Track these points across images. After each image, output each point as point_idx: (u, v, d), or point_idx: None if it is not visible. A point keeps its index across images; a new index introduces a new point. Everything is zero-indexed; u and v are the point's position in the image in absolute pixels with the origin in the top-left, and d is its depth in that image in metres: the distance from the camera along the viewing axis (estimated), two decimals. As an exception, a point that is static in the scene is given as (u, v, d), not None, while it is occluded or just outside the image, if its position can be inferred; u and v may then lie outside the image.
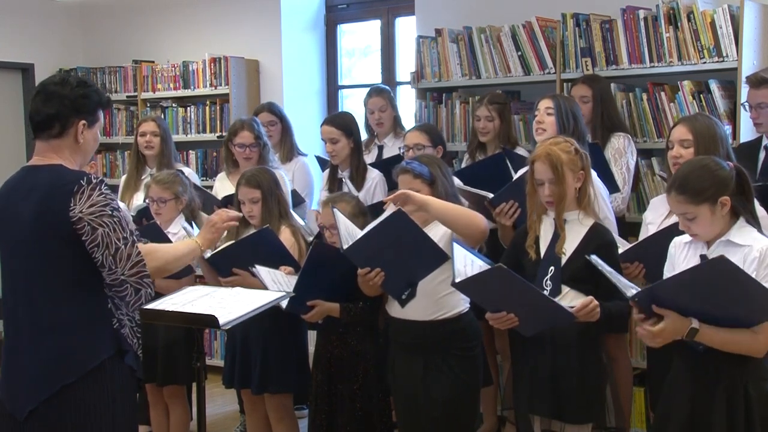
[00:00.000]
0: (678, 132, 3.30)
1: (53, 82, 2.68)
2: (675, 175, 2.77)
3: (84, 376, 2.58)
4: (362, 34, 6.49)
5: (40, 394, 2.56)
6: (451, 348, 3.34)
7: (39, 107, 2.65)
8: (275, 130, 5.01)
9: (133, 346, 2.70)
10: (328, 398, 3.66)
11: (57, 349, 2.58)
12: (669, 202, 2.76)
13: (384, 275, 3.27)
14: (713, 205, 2.65)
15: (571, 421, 3.08)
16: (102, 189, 2.58)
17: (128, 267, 2.58)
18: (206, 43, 6.43)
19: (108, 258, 2.56)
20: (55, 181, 2.58)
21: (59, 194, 2.55)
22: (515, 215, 3.59)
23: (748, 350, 2.60)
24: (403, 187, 3.35)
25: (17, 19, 6.97)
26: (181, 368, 3.93)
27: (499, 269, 2.85)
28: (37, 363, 2.58)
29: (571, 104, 3.86)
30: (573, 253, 3.08)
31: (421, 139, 4.26)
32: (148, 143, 4.90)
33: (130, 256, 2.58)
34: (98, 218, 2.55)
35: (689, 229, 2.71)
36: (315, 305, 3.52)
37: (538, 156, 3.11)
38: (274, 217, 3.84)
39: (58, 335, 2.58)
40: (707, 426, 2.64)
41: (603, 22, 4.43)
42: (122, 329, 2.67)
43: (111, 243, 2.55)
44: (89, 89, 2.69)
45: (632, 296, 2.59)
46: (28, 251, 2.60)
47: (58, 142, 2.66)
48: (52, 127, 2.64)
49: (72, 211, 2.53)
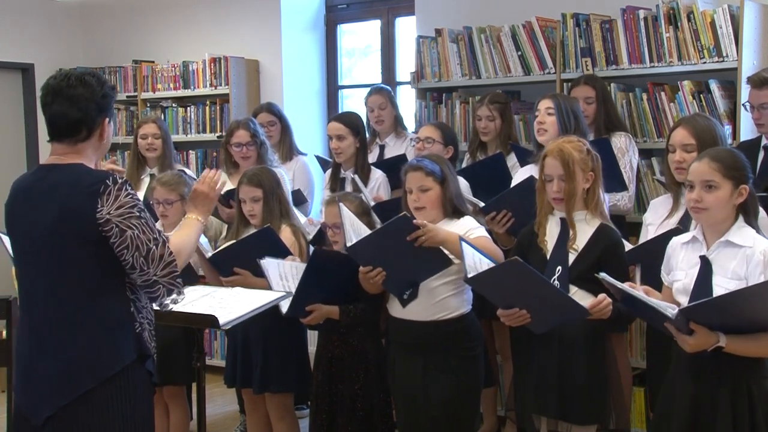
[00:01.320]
0: (679, 135, 3.28)
1: (70, 85, 2.56)
2: (705, 151, 2.79)
3: (105, 381, 2.51)
4: (362, 34, 6.49)
5: (59, 399, 2.49)
6: (453, 348, 3.34)
7: (64, 112, 2.54)
8: (275, 130, 5.01)
9: (150, 351, 2.64)
10: (329, 398, 3.66)
11: (78, 354, 2.50)
12: (694, 169, 2.74)
13: (385, 275, 3.27)
14: (735, 187, 2.69)
15: (577, 421, 3.08)
16: (128, 189, 2.52)
17: (161, 268, 2.53)
18: (206, 43, 6.43)
19: (139, 259, 2.50)
20: (80, 181, 2.50)
21: (85, 195, 2.48)
22: (507, 224, 3.59)
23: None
24: (413, 183, 3.35)
25: (17, 19, 6.97)
26: (181, 368, 3.92)
27: (515, 262, 2.83)
28: (57, 368, 2.50)
29: (572, 103, 3.86)
30: (580, 254, 3.08)
31: (434, 134, 4.24)
32: (150, 146, 4.89)
33: (162, 256, 2.52)
34: (126, 220, 2.48)
35: (701, 200, 2.69)
36: (314, 309, 3.52)
37: (550, 151, 3.12)
38: (275, 216, 3.84)
39: (79, 339, 2.51)
40: (711, 426, 2.65)
41: (603, 22, 4.43)
42: (143, 333, 2.60)
43: (142, 244, 2.49)
44: (107, 87, 2.63)
45: (673, 318, 2.58)
46: (49, 252, 2.52)
47: (85, 144, 2.59)
48: (80, 131, 2.57)
49: (99, 212, 2.47)
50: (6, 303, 3.71)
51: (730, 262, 2.69)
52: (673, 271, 2.83)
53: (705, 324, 2.57)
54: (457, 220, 3.36)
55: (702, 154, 2.78)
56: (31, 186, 2.60)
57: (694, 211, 2.75)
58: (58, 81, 2.59)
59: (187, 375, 3.93)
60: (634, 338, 4.28)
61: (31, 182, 2.62)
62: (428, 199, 3.33)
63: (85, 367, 2.50)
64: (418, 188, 3.34)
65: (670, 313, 2.58)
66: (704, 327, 2.57)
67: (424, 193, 3.33)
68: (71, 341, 2.51)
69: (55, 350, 2.51)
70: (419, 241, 3.15)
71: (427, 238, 3.15)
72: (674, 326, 2.59)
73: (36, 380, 2.54)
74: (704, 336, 2.57)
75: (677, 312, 2.57)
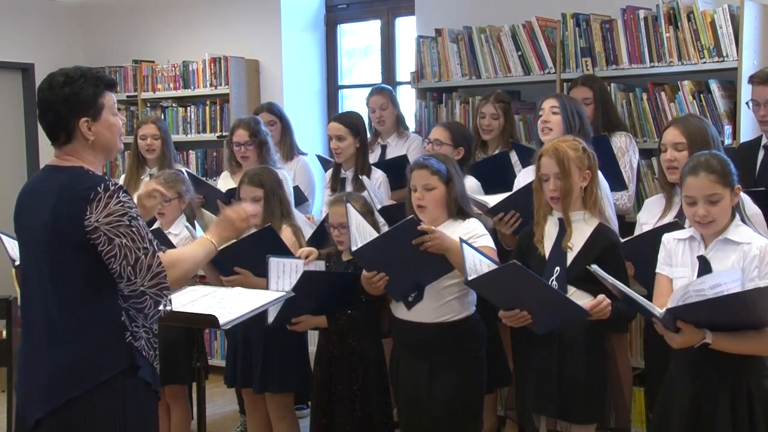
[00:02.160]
0: (670, 135, 3.30)
1: (42, 89, 2.54)
2: (694, 162, 2.77)
3: (91, 390, 2.47)
4: (362, 34, 6.49)
5: (46, 404, 2.48)
6: (456, 350, 3.33)
7: (40, 119, 2.55)
8: (275, 129, 5.01)
9: (149, 359, 2.58)
10: (329, 398, 3.66)
11: (66, 361, 2.48)
12: (692, 185, 2.73)
13: (388, 279, 3.28)
14: (732, 191, 2.72)
15: (576, 421, 3.08)
16: (120, 197, 2.47)
17: (148, 278, 2.47)
18: (206, 43, 6.43)
19: (126, 269, 2.45)
20: (72, 185, 2.47)
21: (75, 201, 2.44)
22: (515, 225, 3.59)
23: (758, 351, 2.66)
24: (418, 181, 3.35)
25: (17, 19, 6.97)
26: (182, 368, 3.92)
27: (513, 266, 2.85)
28: (47, 372, 2.49)
29: (575, 103, 3.86)
30: (578, 254, 3.08)
31: (442, 136, 4.21)
32: (150, 146, 4.89)
33: (150, 267, 2.47)
34: (114, 228, 2.44)
35: (708, 214, 2.70)
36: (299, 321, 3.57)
37: (546, 151, 3.13)
38: (275, 216, 3.84)
39: (68, 346, 2.48)
40: (711, 425, 2.66)
41: (603, 22, 4.43)
42: (137, 342, 2.55)
43: (130, 253, 2.44)
44: (77, 84, 2.51)
45: (661, 316, 2.59)
46: (42, 255, 2.51)
47: (70, 147, 2.55)
48: (58, 136, 2.54)
49: (87, 219, 2.43)
50: (6, 303, 3.71)
51: (729, 259, 2.70)
52: (674, 267, 2.84)
53: (692, 322, 2.58)
54: (461, 222, 3.35)
55: (693, 166, 2.75)
56: (34, 187, 2.60)
57: (701, 227, 2.75)
58: (41, 86, 2.57)
59: (188, 375, 3.94)
60: (634, 338, 4.29)
61: (35, 183, 2.62)
62: (432, 197, 3.33)
63: (72, 374, 2.47)
64: (422, 186, 3.34)
65: (658, 312, 2.60)
66: (691, 325, 2.58)
67: (428, 192, 3.33)
68: (60, 347, 2.49)
69: (46, 355, 2.50)
70: (424, 246, 3.15)
71: (432, 244, 3.15)
72: (662, 324, 2.61)
73: (31, 381, 2.55)
74: (691, 334, 2.59)
75: (665, 311, 2.58)
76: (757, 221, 3.09)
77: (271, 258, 3.48)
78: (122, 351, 2.52)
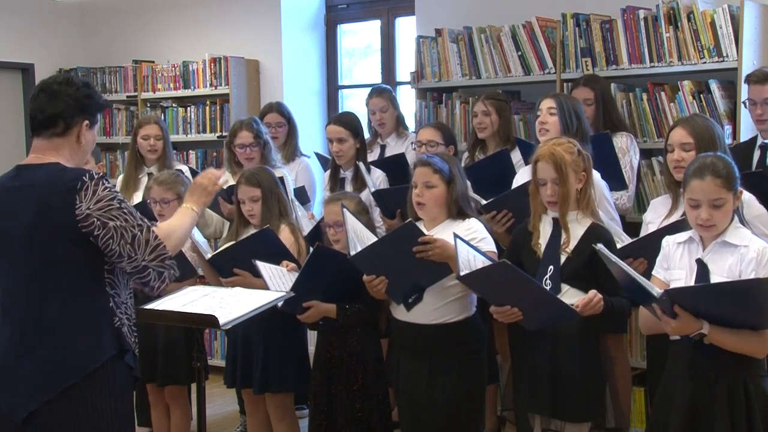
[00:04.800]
0: (677, 135, 3.29)
1: (57, 82, 2.67)
2: (700, 163, 2.75)
3: (87, 376, 2.55)
4: (362, 34, 6.49)
5: (42, 395, 2.52)
6: (457, 350, 3.33)
7: (43, 105, 2.63)
8: (282, 131, 5.00)
9: (131, 345, 2.68)
10: (328, 398, 3.66)
11: (60, 350, 2.55)
12: (697, 188, 2.71)
13: (388, 283, 3.28)
14: (735, 194, 2.71)
15: (570, 419, 3.08)
16: (105, 183, 2.57)
17: (148, 252, 2.58)
18: (206, 43, 6.43)
19: (125, 247, 2.55)
20: (56, 179, 2.55)
21: (62, 193, 2.53)
22: (507, 224, 3.59)
23: (752, 351, 2.64)
24: (419, 178, 3.35)
25: (17, 19, 6.97)
26: (182, 368, 3.93)
27: (503, 264, 2.88)
28: (39, 364, 2.54)
29: (574, 103, 3.85)
30: (572, 253, 3.09)
31: (435, 136, 4.26)
32: (152, 147, 4.87)
33: (148, 241, 2.58)
34: (107, 212, 2.53)
35: (710, 218, 2.69)
36: (311, 306, 3.52)
37: (542, 156, 3.12)
38: (274, 216, 3.84)
39: (60, 336, 2.55)
40: (708, 424, 2.66)
41: (603, 22, 4.43)
42: (122, 328, 2.64)
43: (126, 232, 2.55)
44: (92, 90, 2.70)
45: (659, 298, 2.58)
46: (27, 251, 2.56)
47: (60, 140, 2.64)
48: (57, 125, 2.63)
49: (78, 209, 2.51)
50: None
51: (726, 262, 2.70)
52: (671, 270, 2.84)
53: (690, 310, 2.57)
54: (461, 222, 3.35)
55: (699, 168, 2.73)
56: (7, 187, 2.65)
57: (703, 230, 2.74)
58: (49, 79, 2.71)
59: (187, 375, 3.94)
60: (634, 338, 4.29)
61: (6, 183, 2.66)
62: (431, 195, 3.33)
63: (68, 363, 2.54)
64: (423, 183, 3.34)
65: (656, 292, 2.59)
66: (688, 312, 2.57)
67: (428, 189, 3.33)
68: (53, 338, 2.55)
69: (37, 347, 2.55)
70: (426, 256, 3.15)
71: (433, 254, 3.15)
72: (660, 307, 2.60)
73: (16, 378, 2.56)
74: (687, 321, 2.58)
75: (663, 293, 2.58)
76: (763, 221, 3.09)
77: (258, 262, 3.46)
78: (112, 336, 2.62)
